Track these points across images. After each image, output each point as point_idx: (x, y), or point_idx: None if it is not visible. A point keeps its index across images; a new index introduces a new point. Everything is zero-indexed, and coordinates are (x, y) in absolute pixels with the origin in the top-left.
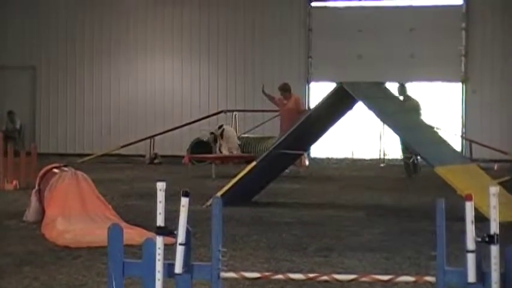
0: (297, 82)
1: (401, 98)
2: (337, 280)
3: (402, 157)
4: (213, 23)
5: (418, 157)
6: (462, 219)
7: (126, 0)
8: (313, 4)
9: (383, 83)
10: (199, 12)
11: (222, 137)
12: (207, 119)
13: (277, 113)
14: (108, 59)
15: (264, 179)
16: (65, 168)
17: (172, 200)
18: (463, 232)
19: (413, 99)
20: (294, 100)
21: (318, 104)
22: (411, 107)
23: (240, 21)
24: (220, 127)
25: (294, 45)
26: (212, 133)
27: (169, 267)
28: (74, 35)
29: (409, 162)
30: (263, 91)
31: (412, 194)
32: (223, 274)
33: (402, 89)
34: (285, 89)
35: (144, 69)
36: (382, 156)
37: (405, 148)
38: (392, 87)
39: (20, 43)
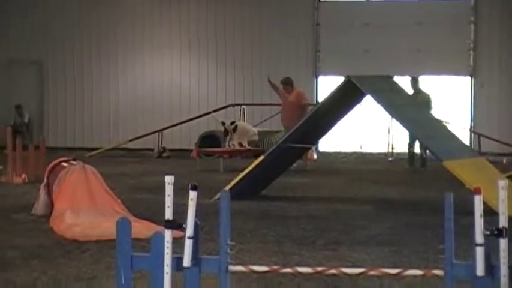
0: (305, 76)
1: (413, 91)
2: (345, 274)
3: (408, 150)
4: (220, 19)
5: (427, 151)
6: (471, 213)
7: None
8: None
9: (391, 77)
10: (206, 8)
11: (234, 132)
12: (216, 113)
13: None
14: (115, 53)
15: (272, 173)
16: (74, 162)
17: (180, 194)
18: (471, 226)
19: (424, 93)
20: (296, 94)
21: (326, 97)
22: (422, 101)
23: (248, 16)
24: (232, 123)
25: (301, 39)
26: (223, 123)
27: (177, 261)
28: (81, 30)
29: (413, 154)
30: (269, 80)
31: (420, 187)
32: (232, 267)
33: (415, 83)
34: (286, 83)
35: (151, 63)
36: (390, 150)
37: (412, 141)
38: (401, 81)
39: (28, 37)
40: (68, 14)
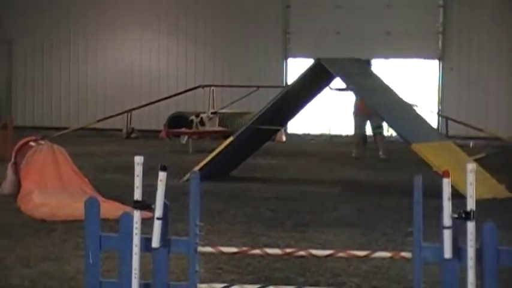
0: (274, 58)
1: None
2: (313, 255)
3: (355, 133)
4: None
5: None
6: (438, 195)
7: None
8: None
9: (361, 59)
10: None
11: (202, 124)
12: (185, 94)
13: (253, 89)
14: (85, 33)
15: (241, 154)
16: (42, 142)
17: (149, 175)
18: (439, 208)
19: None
20: None
21: (296, 79)
22: None
23: None
24: (197, 116)
25: (272, 21)
26: (192, 120)
27: (146, 241)
28: (52, 10)
29: (365, 136)
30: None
31: (389, 170)
32: (201, 248)
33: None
34: None
35: (121, 44)
36: None
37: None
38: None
39: None
40: None
